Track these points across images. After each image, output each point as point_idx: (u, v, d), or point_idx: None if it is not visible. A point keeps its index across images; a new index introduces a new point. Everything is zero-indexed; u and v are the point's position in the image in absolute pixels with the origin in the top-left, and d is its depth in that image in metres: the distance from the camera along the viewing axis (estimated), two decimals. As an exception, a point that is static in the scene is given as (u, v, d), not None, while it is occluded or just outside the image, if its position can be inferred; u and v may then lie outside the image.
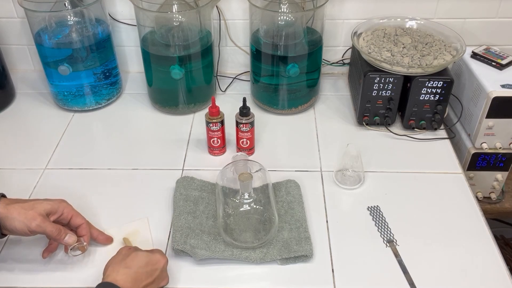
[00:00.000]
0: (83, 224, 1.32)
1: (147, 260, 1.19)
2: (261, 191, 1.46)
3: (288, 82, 1.82)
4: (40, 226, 1.21)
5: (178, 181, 1.55)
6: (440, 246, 1.38)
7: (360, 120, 1.80)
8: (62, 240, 1.26)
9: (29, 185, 1.59)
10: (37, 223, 1.21)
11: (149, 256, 1.20)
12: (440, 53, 1.71)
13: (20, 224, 1.20)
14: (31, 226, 1.20)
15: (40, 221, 1.21)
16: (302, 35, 1.80)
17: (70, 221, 1.31)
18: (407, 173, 1.63)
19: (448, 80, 1.66)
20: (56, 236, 1.24)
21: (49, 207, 1.25)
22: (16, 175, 1.61)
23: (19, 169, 1.63)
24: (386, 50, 1.72)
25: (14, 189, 1.56)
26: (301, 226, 1.40)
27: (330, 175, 1.61)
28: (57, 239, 1.25)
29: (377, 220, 1.46)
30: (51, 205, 1.26)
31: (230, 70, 2.17)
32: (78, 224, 1.32)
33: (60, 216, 1.28)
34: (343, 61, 2.12)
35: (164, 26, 1.80)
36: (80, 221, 1.32)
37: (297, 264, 1.33)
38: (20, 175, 1.61)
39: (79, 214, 1.33)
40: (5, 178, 1.47)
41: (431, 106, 1.73)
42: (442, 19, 1.93)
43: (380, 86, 1.70)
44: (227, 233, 1.36)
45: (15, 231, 1.22)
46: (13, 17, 2.04)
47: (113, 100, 1.99)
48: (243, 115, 1.61)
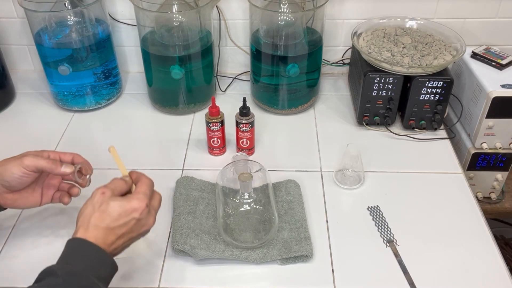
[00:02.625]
0: (73, 156, 1.32)
1: (120, 211, 1.11)
2: (261, 191, 1.47)
3: (288, 82, 1.82)
4: (33, 160, 1.23)
5: (178, 181, 1.55)
6: (440, 246, 1.38)
7: (360, 120, 1.80)
8: (60, 170, 1.25)
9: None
10: (30, 158, 1.23)
11: (123, 206, 1.11)
12: (440, 53, 1.71)
13: (15, 167, 1.22)
14: (25, 162, 1.22)
15: (32, 156, 1.24)
16: (302, 35, 1.80)
17: (61, 160, 1.30)
18: (407, 173, 1.63)
19: (448, 80, 1.66)
20: (52, 167, 1.24)
21: (35, 152, 1.27)
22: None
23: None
24: (386, 50, 1.72)
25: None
26: (301, 226, 1.40)
27: (330, 175, 1.61)
28: (54, 170, 1.24)
29: (377, 220, 1.46)
30: (36, 151, 1.28)
31: (230, 70, 2.17)
32: (70, 159, 1.31)
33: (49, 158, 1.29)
34: (343, 61, 2.12)
35: (164, 26, 1.80)
36: (70, 155, 1.32)
37: (297, 264, 1.33)
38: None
39: (66, 152, 1.32)
40: None
41: (431, 106, 1.73)
42: (442, 19, 1.93)
43: (380, 86, 1.70)
44: (227, 233, 1.36)
45: (13, 179, 1.23)
46: (13, 17, 2.04)
47: (113, 100, 1.99)
48: (243, 115, 1.61)
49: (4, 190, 1.26)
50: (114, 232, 1.09)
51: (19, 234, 1.42)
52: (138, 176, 1.21)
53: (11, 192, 1.27)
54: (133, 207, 1.12)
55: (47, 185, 1.34)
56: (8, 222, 1.45)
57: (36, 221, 1.46)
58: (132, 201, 1.13)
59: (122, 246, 1.13)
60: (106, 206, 1.10)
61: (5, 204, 1.28)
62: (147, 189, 1.17)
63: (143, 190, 1.16)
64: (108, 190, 1.13)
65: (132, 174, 1.22)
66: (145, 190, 1.16)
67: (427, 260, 1.34)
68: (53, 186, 1.35)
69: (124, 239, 1.12)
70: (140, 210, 1.12)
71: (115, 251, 1.12)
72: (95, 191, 1.14)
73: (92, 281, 1.02)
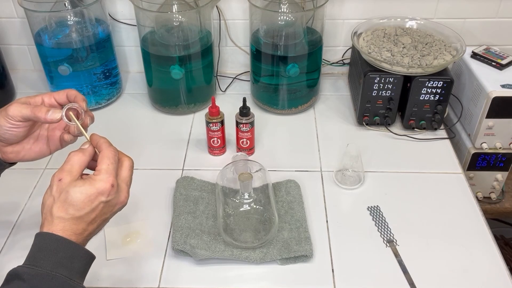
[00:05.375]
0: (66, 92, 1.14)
1: (82, 198, 0.98)
2: (261, 191, 1.47)
3: (288, 82, 1.82)
4: (18, 109, 1.08)
5: (178, 181, 1.56)
6: (440, 246, 1.38)
7: (360, 120, 1.80)
8: (46, 116, 1.07)
9: (29, 186, 1.60)
10: (14, 107, 1.08)
11: (86, 192, 0.99)
12: (440, 53, 1.71)
13: (1, 119, 1.09)
14: (9, 112, 1.08)
15: (17, 104, 1.09)
16: (302, 35, 1.80)
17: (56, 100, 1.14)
18: (407, 173, 1.63)
19: (448, 80, 1.66)
20: (37, 115, 1.07)
21: (25, 99, 1.12)
22: (16, 175, 1.59)
23: (18, 169, 1.60)
24: (386, 50, 1.72)
25: (13, 189, 1.57)
26: (301, 226, 1.40)
27: (330, 175, 1.61)
28: (39, 116, 1.07)
29: (377, 220, 1.46)
30: (26, 97, 1.13)
31: (230, 70, 2.17)
32: (64, 97, 1.14)
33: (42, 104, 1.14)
34: (343, 61, 2.12)
35: (164, 26, 1.81)
36: (63, 92, 1.14)
37: (297, 264, 1.33)
38: (20, 175, 1.60)
39: (60, 91, 1.15)
40: (4, 178, 1.44)
41: (431, 106, 1.73)
42: (442, 19, 1.93)
43: (380, 86, 1.70)
44: (227, 233, 1.36)
45: (3, 131, 1.11)
46: (13, 17, 2.04)
47: (113, 100, 1.99)
48: (243, 115, 1.61)
49: (1, 144, 1.16)
50: (82, 220, 0.99)
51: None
52: (98, 143, 1.09)
53: (9, 145, 1.17)
54: (98, 190, 1.00)
55: (52, 129, 1.21)
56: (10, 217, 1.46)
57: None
58: (95, 184, 1.00)
59: (96, 229, 1.04)
60: (66, 195, 0.99)
61: (8, 159, 1.19)
62: (110, 163, 1.04)
63: (105, 167, 1.03)
64: (65, 175, 1.01)
65: (92, 138, 1.10)
66: (107, 166, 1.03)
67: (427, 260, 1.34)
68: (58, 129, 1.21)
69: (97, 223, 1.02)
70: (107, 192, 1.01)
71: (89, 236, 1.03)
72: (52, 178, 1.02)
73: (62, 281, 0.94)
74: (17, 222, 1.47)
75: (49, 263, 0.95)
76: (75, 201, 0.98)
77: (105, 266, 1.34)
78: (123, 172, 1.07)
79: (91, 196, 0.99)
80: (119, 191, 1.04)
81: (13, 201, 1.55)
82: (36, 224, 1.43)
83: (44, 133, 1.20)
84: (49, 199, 1.00)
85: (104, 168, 1.02)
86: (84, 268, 1.01)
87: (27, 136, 1.18)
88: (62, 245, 0.97)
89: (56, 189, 1.00)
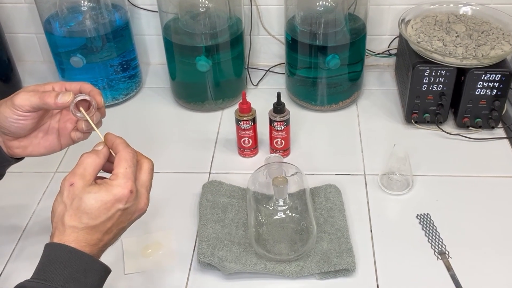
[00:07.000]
0: (81, 85, 1.14)
1: (98, 206, 0.98)
2: (298, 197, 1.47)
3: (328, 75, 1.83)
4: (26, 97, 1.08)
5: (204, 186, 1.57)
6: (498, 259, 1.38)
7: (408, 118, 1.81)
8: (56, 100, 1.07)
9: (38, 190, 1.63)
10: (21, 95, 1.08)
11: (101, 199, 0.99)
12: (497, 42, 1.71)
13: (7, 109, 1.09)
14: (16, 102, 1.07)
15: (25, 93, 1.09)
16: (343, 23, 1.81)
17: (67, 90, 1.13)
18: (461, 176, 1.63)
19: (507, 72, 1.66)
20: (47, 101, 1.07)
21: (33, 87, 1.13)
22: (24, 180, 1.61)
23: (26, 173, 1.63)
24: (437, 39, 1.73)
25: (22, 194, 1.60)
26: (342, 236, 1.41)
27: (375, 179, 1.62)
28: (48, 102, 1.07)
29: (427, 229, 1.46)
30: (35, 85, 1.13)
31: (262, 61, 2.18)
32: (77, 88, 1.14)
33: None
34: (389, 51, 2.13)
35: (189, 12, 1.81)
36: (77, 84, 1.14)
37: (337, 279, 1.34)
38: (28, 179, 1.62)
39: (73, 82, 1.15)
40: (11, 182, 1.41)
41: (488, 102, 1.73)
42: (500, 5, 1.91)
43: (430, 79, 1.71)
44: (260, 244, 1.37)
45: (9, 124, 1.10)
46: (20, 2, 2.07)
47: (131, 95, 2.02)
48: (277, 112, 1.62)
49: (6, 138, 1.16)
50: (97, 230, 1.00)
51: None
52: (114, 143, 1.09)
53: (15, 139, 1.16)
54: (115, 197, 1.00)
55: (64, 122, 1.21)
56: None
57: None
58: (112, 189, 1.00)
59: (112, 240, 1.05)
60: (79, 203, 0.98)
61: (14, 154, 1.18)
62: (128, 166, 1.04)
63: (123, 171, 1.03)
64: (77, 179, 1.01)
65: (107, 138, 1.11)
66: (125, 170, 1.03)
67: (483, 274, 1.34)
68: (70, 121, 1.21)
69: (113, 233, 1.03)
70: (125, 198, 1.01)
71: (105, 247, 1.04)
72: (62, 182, 1.02)
73: None
74: (27, 227, 1.51)
75: (60, 277, 0.95)
76: (90, 209, 0.98)
77: (122, 281, 1.36)
78: (143, 176, 1.08)
79: (108, 203, 0.99)
80: (138, 197, 1.05)
81: (22, 205, 1.57)
82: (46, 229, 1.44)
83: (55, 126, 1.20)
84: (60, 206, 1.01)
85: (121, 172, 1.02)
86: (99, 283, 1.01)
87: (36, 129, 1.18)
88: (75, 258, 0.97)
89: (68, 195, 1.00)
